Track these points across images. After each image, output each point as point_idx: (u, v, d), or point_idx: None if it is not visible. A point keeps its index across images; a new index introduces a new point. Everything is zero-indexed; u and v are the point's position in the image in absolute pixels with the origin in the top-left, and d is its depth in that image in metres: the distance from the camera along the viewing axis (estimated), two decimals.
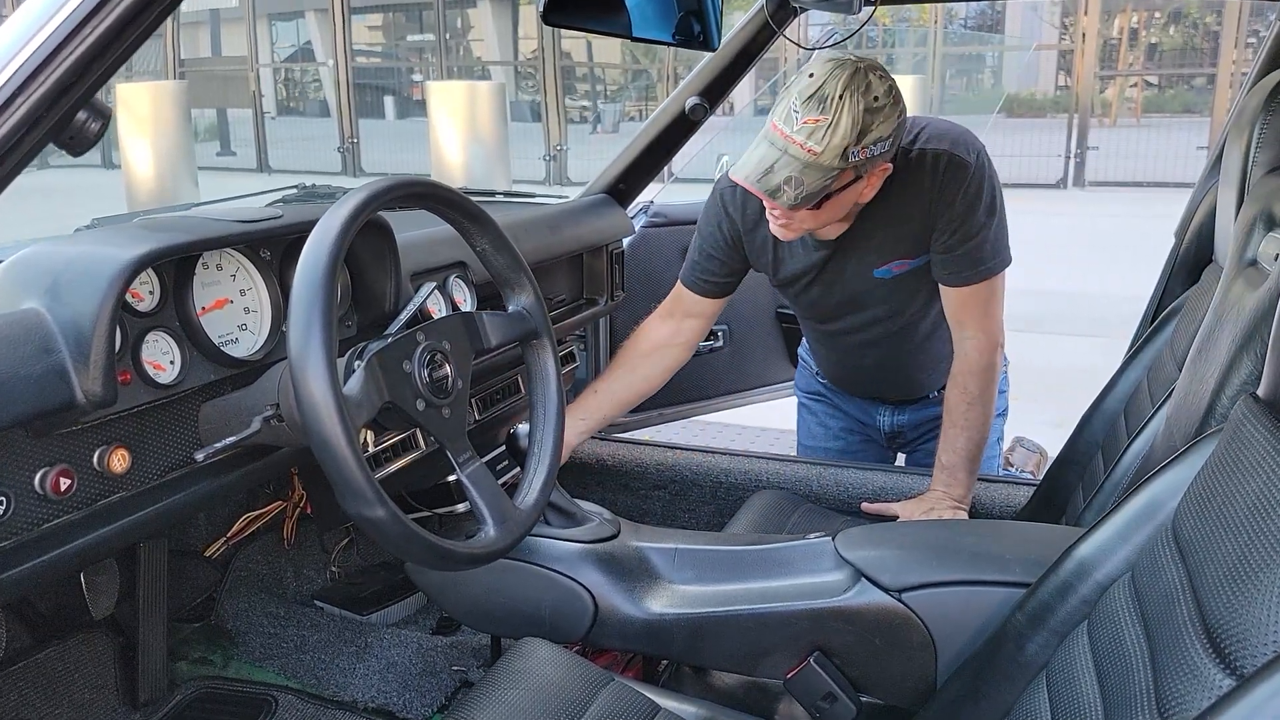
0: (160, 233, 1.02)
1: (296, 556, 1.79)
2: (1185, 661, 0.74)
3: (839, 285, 1.72)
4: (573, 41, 19.28)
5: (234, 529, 1.65)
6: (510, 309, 1.20)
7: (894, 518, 1.75)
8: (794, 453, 2.28)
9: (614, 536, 1.38)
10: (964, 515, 1.72)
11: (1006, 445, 2.21)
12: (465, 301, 1.49)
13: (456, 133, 10.19)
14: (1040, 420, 2.38)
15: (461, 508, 1.74)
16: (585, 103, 18.95)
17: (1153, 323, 1.71)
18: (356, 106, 13.80)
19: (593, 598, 1.33)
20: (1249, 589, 0.71)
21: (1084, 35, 10.99)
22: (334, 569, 1.84)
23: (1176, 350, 1.45)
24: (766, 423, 3.46)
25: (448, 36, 18.22)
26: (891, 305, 1.73)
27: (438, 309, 1.43)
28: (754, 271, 1.79)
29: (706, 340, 2.24)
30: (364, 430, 1.26)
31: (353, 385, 0.92)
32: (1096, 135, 11.41)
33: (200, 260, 1.11)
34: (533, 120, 13.82)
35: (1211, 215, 1.55)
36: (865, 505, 1.87)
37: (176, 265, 1.07)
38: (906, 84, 8.61)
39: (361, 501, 0.88)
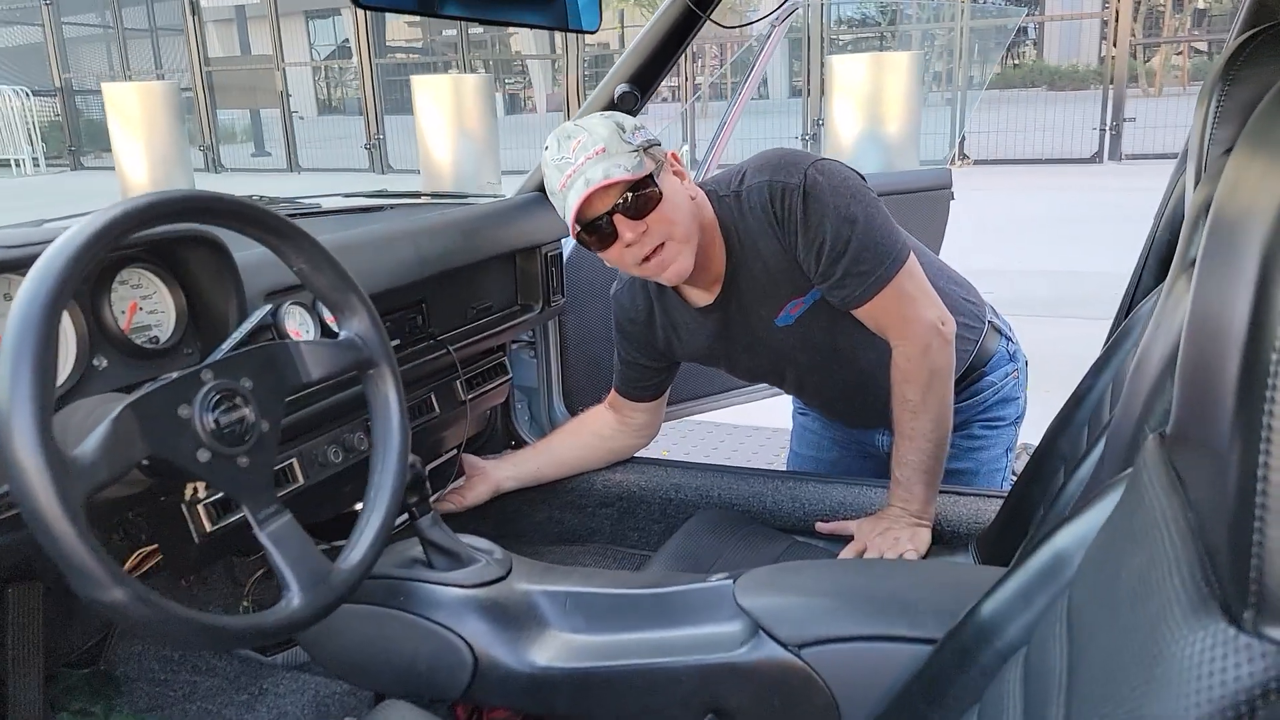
0: None
1: (202, 593, 1.67)
2: None
3: (752, 346, 1.64)
4: (609, 32, 19.08)
5: (126, 566, 1.54)
6: (341, 335, 1.06)
7: (850, 538, 1.62)
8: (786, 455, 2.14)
9: (502, 579, 1.25)
10: (925, 531, 1.58)
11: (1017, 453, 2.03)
12: None
13: (443, 127, 10.06)
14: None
15: None
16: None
17: (1126, 318, 1.52)
18: (386, 103, 13.74)
19: (471, 650, 1.19)
20: (1111, 699, 0.55)
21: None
22: (246, 604, 1.72)
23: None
24: (758, 422, 3.30)
25: (482, 31, 18.10)
26: (819, 345, 1.62)
27: (305, 332, 1.30)
28: None
29: None
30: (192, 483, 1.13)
31: (89, 444, 0.79)
32: (1141, 106, 10.98)
33: None
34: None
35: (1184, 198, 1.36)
36: (820, 525, 1.73)
37: None
38: (901, 61, 8.30)
39: (90, 583, 0.75)
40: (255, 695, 1.51)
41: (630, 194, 1.38)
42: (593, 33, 1.20)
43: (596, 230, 1.41)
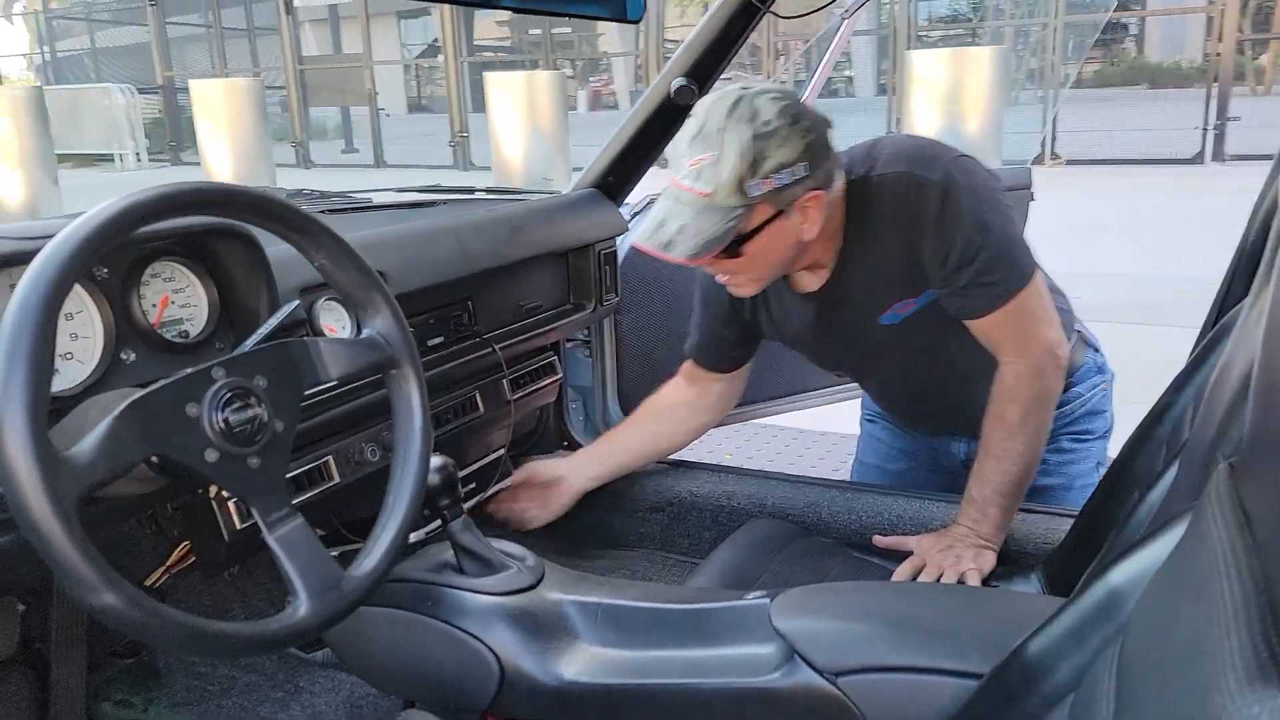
0: None
1: (245, 586, 1.67)
2: None
3: (847, 340, 1.55)
4: (689, 30, 18.99)
5: (173, 557, 1.54)
6: (364, 333, 1.03)
7: (908, 554, 1.54)
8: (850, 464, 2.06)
9: (532, 587, 1.21)
10: (990, 554, 1.48)
11: None
12: None
13: (515, 123, 10.07)
14: None
15: (416, 535, 1.60)
16: None
17: (1213, 329, 1.41)
18: (472, 101, 13.90)
19: (498, 659, 1.15)
20: None
21: None
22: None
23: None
24: (825, 426, 3.20)
25: (570, 29, 18.19)
26: (920, 348, 1.53)
27: (341, 328, 1.28)
28: None
29: None
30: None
31: (86, 442, 0.76)
32: (1248, 105, 10.49)
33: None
34: None
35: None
36: (877, 540, 1.65)
37: None
38: (982, 57, 7.99)
39: (81, 587, 0.73)
40: (290, 693, 1.50)
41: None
42: (636, 22, 1.14)
43: None
